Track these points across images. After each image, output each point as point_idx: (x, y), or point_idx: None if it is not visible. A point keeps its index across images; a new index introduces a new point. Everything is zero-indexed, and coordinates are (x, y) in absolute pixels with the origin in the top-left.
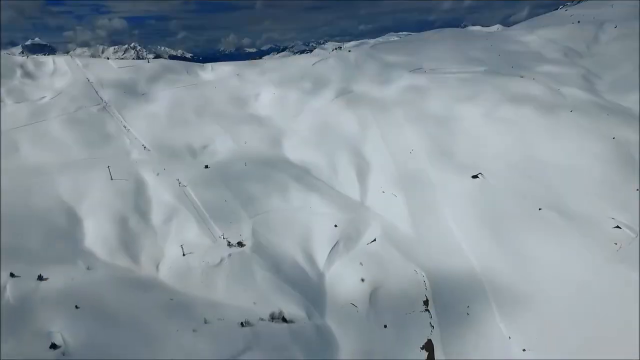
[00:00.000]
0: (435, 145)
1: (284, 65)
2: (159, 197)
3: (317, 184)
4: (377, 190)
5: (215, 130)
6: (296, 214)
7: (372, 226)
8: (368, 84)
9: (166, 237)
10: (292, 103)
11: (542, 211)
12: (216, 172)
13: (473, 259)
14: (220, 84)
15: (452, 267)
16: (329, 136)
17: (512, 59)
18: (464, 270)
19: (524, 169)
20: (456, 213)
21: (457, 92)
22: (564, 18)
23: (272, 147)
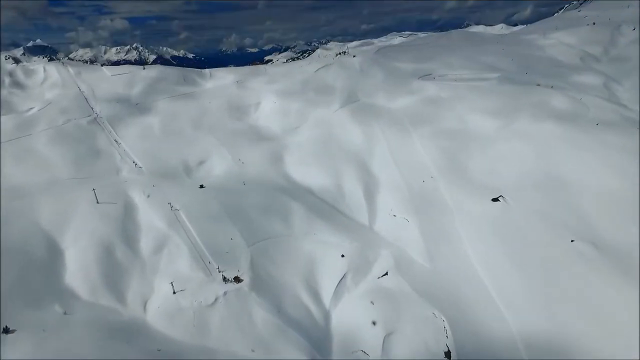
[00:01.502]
0: (448, 161)
1: (286, 72)
2: (148, 223)
3: (321, 206)
4: (387, 212)
5: (213, 143)
6: (299, 242)
7: (383, 256)
8: (374, 92)
9: (156, 270)
10: (294, 113)
11: (575, 243)
12: (212, 193)
13: (500, 304)
14: (218, 92)
15: (476, 312)
16: (333, 150)
17: (525, 65)
18: (489, 315)
19: (549, 190)
20: (476, 243)
21: (470, 102)
22: (577, 20)
23: (272, 163)
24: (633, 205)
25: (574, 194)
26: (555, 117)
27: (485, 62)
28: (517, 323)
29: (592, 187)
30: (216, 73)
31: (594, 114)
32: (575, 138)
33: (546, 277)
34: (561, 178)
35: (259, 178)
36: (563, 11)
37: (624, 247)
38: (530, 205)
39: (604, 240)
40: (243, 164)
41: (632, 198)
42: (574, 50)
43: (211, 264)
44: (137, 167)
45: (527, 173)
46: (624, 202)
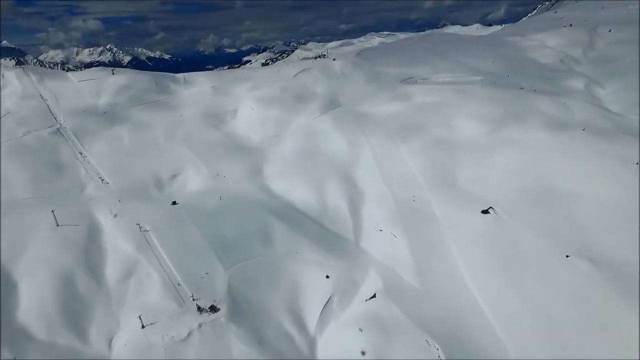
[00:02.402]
0: (436, 170)
1: (264, 76)
2: (115, 247)
3: (304, 222)
4: (373, 227)
5: (187, 155)
6: (281, 262)
7: (371, 277)
8: (356, 97)
9: (122, 301)
10: (273, 120)
11: (571, 259)
12: (186, 210)
13: (497, 327)
14: (193, 99)
15: (472, 337)
16: (315, 161)
17: (507, 67)
18: (486, 341)
19: (541, 201)
20: (469, 260)
21: (455, 107)
22: (555, 21)
23: (251, 176)
24: (628, 217)
25: (567, 204)
26: (542, 123)
27: (467, 65)
28: (516, 348)
29: (584, 196)
30: (191, 78)
31: (579, 118)
32: (564, 145)
33: (544, 297)
34: (552, 188)
35: (237, 192)
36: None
37: (621, 262)
38: (522, 217)
39: (601, 255)
40: (224, 177)
41: (626, 208)
42: (553, 52)
43: (184, 292)
44: (104, 183)
45: (517, 183)
46: (618, 213)
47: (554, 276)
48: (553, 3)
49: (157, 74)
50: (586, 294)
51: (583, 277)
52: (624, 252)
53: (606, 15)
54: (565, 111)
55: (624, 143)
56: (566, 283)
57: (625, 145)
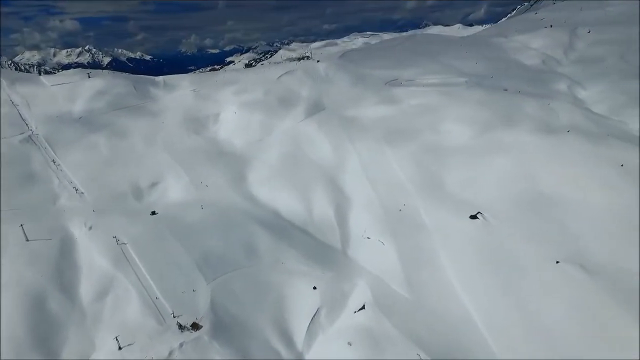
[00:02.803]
0: (422, 174)
1: (246, 78)
2: (90, 262)
3: (289, 231)
4: (361, 234)
5: (167, 162)
6: (266, 274)
7: (359, 287)
8: (341, 100)
9: (98, 321)
10: (257, 124)
11: (562, 265)
12: (166, 221)
13: (489, 339)
14: (173, 103)
15: (464, 350)
16: (300, 166)
17: (490, 68)
18: (479, 353)
19: (529, 205)
20: (459, 268)
21: (441, 109)
22: (535, 22)
23: (234, 183)
24: (617, 221)
25: (555, 208)
26: (527, 126)
27: (451, 66)
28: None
29: (573, 201)
30: (171, 81)
31: (563, 120)
32: (551, 148)
33: (536, 306)
34: (540, 191)
35: (220, 200)
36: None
37: (612, 268)
38: (511, 222)
39: (592, 261)
40: (206, 187)
41: (615, 212)
42: (535, 53)
43: (164, 309)
44: (78, 193)
45: (505, 187)
46: (607, 218)
47: (545, 284)
48: (532, 4)
49: (135, 77)
50: (579, 302)
51: (575, 284)
52: (614, 257)
53: (585, 16)
54: (549, 113)
55: (609, 145)
56: (558, 291)
57: (611, 147)
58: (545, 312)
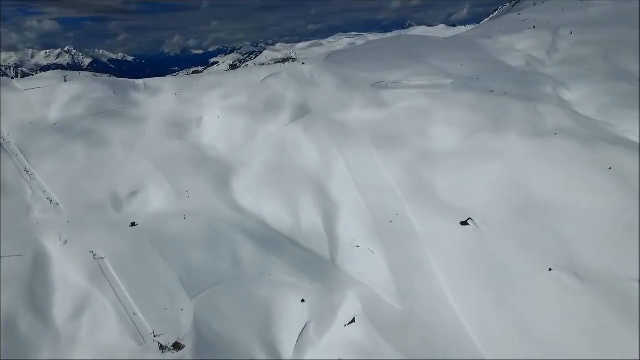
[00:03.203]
0: (411, 179)
1: (229, 81)
2: (65, 279)
3: (276, 240)
4: (350, 243)
5: (147, 169)
6: (252, 286)
7: (349, 299)
8: (327, 103)
9: (73, 342)
10: (241, 129)
11: (555, 273)
12: (146, 232)
13: (484, 352)
14: (154, 107)
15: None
16: (286, 171)
17: (476, 69)
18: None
19: (520, 209)
20: (451, 276)
21: (428, 112)
22: (518, 23)
23: (218, 190)
24: (608, 226)
25: (546, 213)
26: (515, 128)
27: (437, 67)
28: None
29: (563, 205)
30: (152, 84)
31: (550, 122)
32: (539, 151)
33: (530, 316)
34: (530, 196)
35: (203, 209)
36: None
37: (605, 274)
38: (502, 228)
39: (584, 268)
40: (188, 196)
41: (605, 217)
42: (519, 54)
43: (144, 328)
44: (53, 204)
45: (494, 191)
46: (598, 222)
47: (538, 292)
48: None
49: (115, 80)
50: (573, 311)
51: (568, 293)
52: (606, 263)
53: (566, 18)
54: (536, 116)
55: (596, 148)
56: (551, 300)
57: (599, 150)
58: (538, 322)
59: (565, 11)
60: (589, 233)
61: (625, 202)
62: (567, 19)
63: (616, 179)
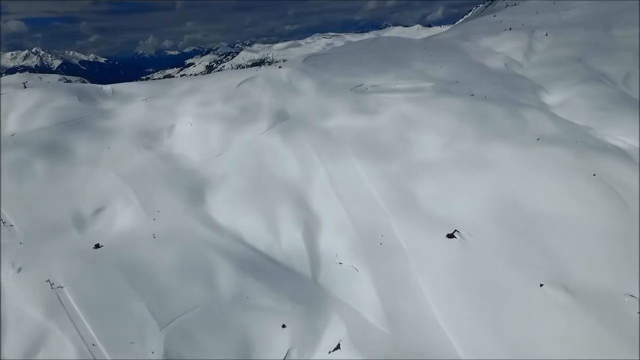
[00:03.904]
0: (394, 189)
1: (203, 85)
2: (18, 313)
3: (253, 259)
4: (332, 259)
5: (114, 183)
6: (228, 312)
7: (333, 322)
8: (305, 108)
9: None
10: (215, 137)
11: (546, 288)
12: (112, 255)
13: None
14: (123, 114)
15: None
16: (264, 183)
17: (455, 72)
18: None
19: (506, 220)
20: (439, 294)
21: (409, 117)
22: (494, 24)
23: (191, 205)
24: (596, 237)
25: (533, 224)
26: (498, 134)
27: (416, 70)
28: None
29: (550, 215)
30: (120, 89)
31: (532, 127)
32: (523, 158)
33: (522, 336)
34: (516, 205)
35: (175, 227)
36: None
37: (596, 289)
38: (488, 240)
39: (575, 282)
40: (158, 212)
41: (592, 227)
42: (497, 56)
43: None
44: (6, 226)
45: (480, 201)
46: (586, 233)
47: (530, 311)
48: (487, 6)
49: (80, 86)
50: (567, 329)
51: (561, 310)
52: (597, 276)
53: (540, 20)
54: (518, 120)
55: (579, 153)
56: (544, 318)
57: (581, 156)
58: (532, 342)
59: (539, 13)
60: (577, 244)
61: (611, 210)
62: (541, 20)
63: (601, 185)
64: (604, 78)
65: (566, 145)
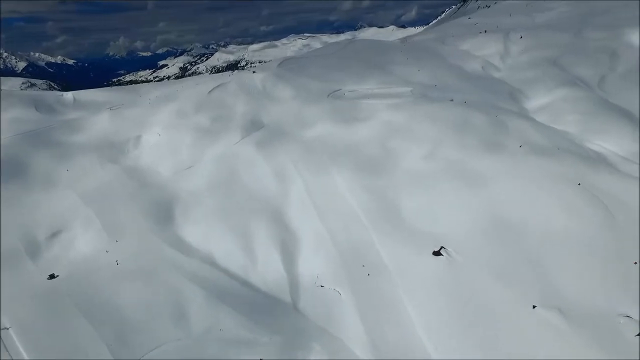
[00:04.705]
0: (376, 201)
1: (172, 92)
2: None
3: (227, 284)
4: (313, 281)
5: (73, 203)
6: (198, 347)
7: (315, 351)
8: (281, 116)
9: None
10: (186, 148)
11: (538, 310)
12: (68, 286)
13: None
14: (85, 124)
15: None
16: (238, 198)
17: (433, 76)
18: None
19: (494, 235)
20: (428, 320)
21: (389, 124)
22: (469, 26)
23: (159, 224)
24: (585, 251)
25: (524, 239)
26: (480, 141)
27: (394, 73)
28: None
29: (538, 229)
30: (83, 97)
31: (513, 133)
32: (506, 167)
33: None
34: (503, 218)
35: (140, 251)
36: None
37: (590, 310)
38: (476, 257)
39: (568, 303)
40: (124, 233)
41: (580, 241)
42: (475, 59)
43: None
44: None
45: (466, 214)
46: (576, 248)
47: (524, 335)
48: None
49: (37, 94)
50: (563, 355)
51: (556, 334)
52: (589, 295)
53: (514, 22)
54: (499, 127)
55: (562, 161)
56: (539, 343)
57: (564, 163)
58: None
59: (512, 15)
60: (567, 260)
61: (598, 221)
62: (515, 23)
63: (587, 196)
64: (580, 81)
65: (549, 153)
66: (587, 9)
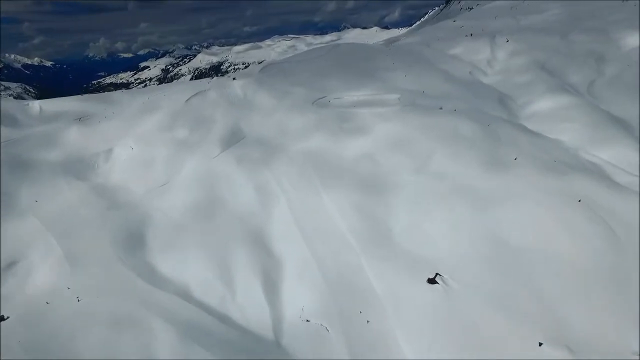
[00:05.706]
0: (366, 222)
1: (146, 101)
2: None
3: (203, 320)
4: (298, 314)
5: (33, 228)
6: None
7: None
8: (262, 126)
9: None
10: (161, 162)
11: (545, 348)
12: (20, 331)
13: None
14: (50, 138)
15: None
16: (216, 217)
17: (420, 81)
18: None
19: (492, 259)
20: (423, 358)
21: (377, 135)
22: (455, 30)
23: (127, 251)
24: (590, 280)
25: (523, 264)
26: (473, 154)
27: (380, 79)
28: None
29: (540, 253)
30: (50, 106)
31: (506, 144)
32: (502, 183)
33: None
34: (502, 242)
35: (105, 283)
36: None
37: (598, 346)
38: (476, 286)
39: (578, 339)
40: (87, 263)
41: (583, 267)
42: (462, 63)
43: None
44: None
45: (461, 234)
46: (582, 275)
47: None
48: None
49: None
50: None
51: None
52: (598, 328)
53: (500, 25)
54: (492, 137)
55: (560, 175)
56: None
57: (563, 178)
58: None
59: (497, 18)
60: (572, 289)
61: (602, 243)
62: (501, 26)
63: (588, 213)
64: (569, 87)
65: (545, 166)
66: (573, 12)
